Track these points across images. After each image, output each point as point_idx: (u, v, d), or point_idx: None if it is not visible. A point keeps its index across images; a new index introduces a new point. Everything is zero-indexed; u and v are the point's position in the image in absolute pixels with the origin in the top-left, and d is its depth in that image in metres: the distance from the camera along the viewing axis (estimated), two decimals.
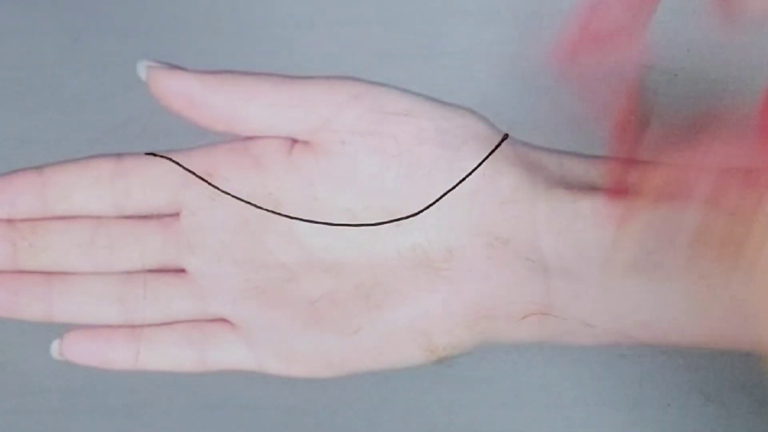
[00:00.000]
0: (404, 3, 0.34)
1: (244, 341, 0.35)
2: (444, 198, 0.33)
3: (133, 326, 0.35)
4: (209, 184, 0.34)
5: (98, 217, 0.35)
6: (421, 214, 0.34)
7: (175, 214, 0.35)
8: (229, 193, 0.34)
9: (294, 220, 0.34)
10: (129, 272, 0.35)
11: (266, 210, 0.34)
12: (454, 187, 0.33)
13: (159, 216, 0.35)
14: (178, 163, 0.35)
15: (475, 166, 0.33)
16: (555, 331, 0.34)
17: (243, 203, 0.34)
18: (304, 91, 0.33)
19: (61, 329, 0.36)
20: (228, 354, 0.35)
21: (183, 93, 0.33)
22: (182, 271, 0.35)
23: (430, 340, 0.34)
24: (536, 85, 0.35)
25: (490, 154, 0.33)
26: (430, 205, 0.33)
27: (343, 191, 0.34)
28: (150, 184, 0.35)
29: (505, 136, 0.34)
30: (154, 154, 0.35)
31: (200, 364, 0.35)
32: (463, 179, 0.33)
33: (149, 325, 0.35)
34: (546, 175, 0.34)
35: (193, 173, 0.34)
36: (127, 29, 0.35)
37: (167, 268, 0.35)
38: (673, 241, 0.33)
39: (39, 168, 0.35)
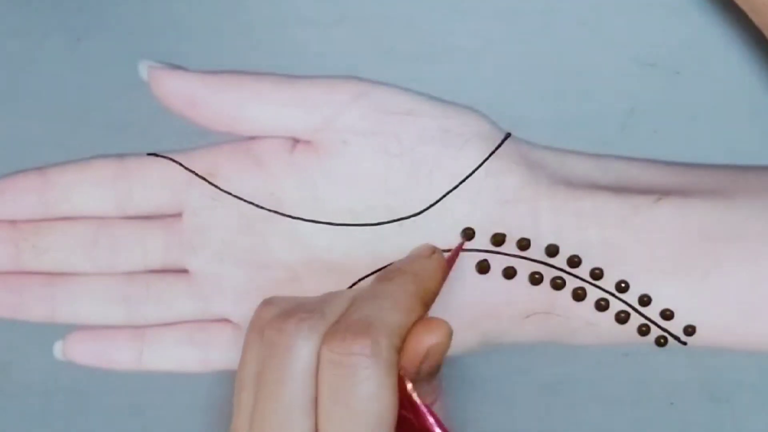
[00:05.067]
0: (407, 2, 0.34)
1: None
2: (447, 197, 0.33)
3: (135, 327, 0.35)
4: (211, 184, 0.34)
5: (100, 218, 0.35)
6: (423, 213, 0.34)
7: (178, 215, 0.35)
8: (230, 194, 0.34)
9: (296, 220, 0.34)
10: (131, 273, 0.35)
11: (268, 210, 0.34)
12: (456, 186, 0.33)
13: (161, 216, 0.35)
14: (180, 164, 0.35)
15: (478, 165, 0.33)
16: (558, 330, 0.34)
17: (245, 203, 0.34)
18: (305, 90, 0.33)
19: (63, 330, 0.36)
20: (231, 354, 0.35)
21: (184, 93, 0.33)
22: (185, 271, 0.35)
23: None
24: (539, 85, 0.35)
25: (492, 153, 0.33)
26: (433, 204, 0.33)
27: (346, 191, 0.34)
28: (152, 184, 0.35)
29: (508, 135, 0.34)
30: (156, 155, 0.35)
31: (203, 364, 0.35)
32: (466, 178, 0.33)
33: (152, 326, 0.35)
34: (548, 173, 0.34)
35: (195, 173, 0.34)
36: (128, 30, 0.35)
37: (170, 269, 0.35)
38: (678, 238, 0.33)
39: (41, 169, 0.35)
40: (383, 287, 0.30)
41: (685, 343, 0.33)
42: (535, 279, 0.33)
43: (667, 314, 0.33)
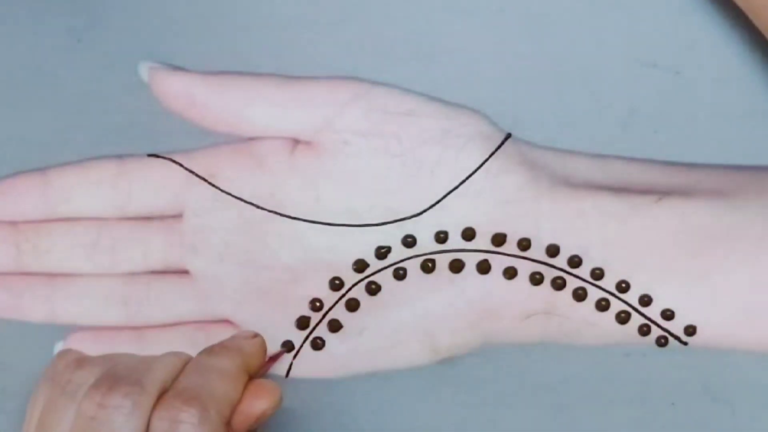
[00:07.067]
0: (407, 2, 0.34)
1: None
2: (447, 197, 0.33)
3: (136, 328, 0.35)
4: (211, 185, 0.34)
5: (101, 219, 0.35)
6: (424, 213, 0.34)
7: (178, 216, 0.35)
8: (231, 194, 0.34)
9: (296, 221, 0.34)
10: (132, 273, 0.35)
11: (269, 211, 0.34)
12: (457, 187, 0.33)
13: (162, 217, 0.35)
14: (180, 164, 0.35)
15: (478, 165, 0.33)
16: (559, 330, 0.34)
17: (245, 204, 0.34)
18: (306, 91, 0.33)
19: (64, 331, 0.36)
20: None
21: (185, 94, 0.33)
22: (185, 272, 0.35)
23: (434, 340, 0.34)
24: (539, 85, 0.35)
25: (493, 153, 0.33)
26: (434, 204, 0.33)
27: (346, 192, 0.34)
28: (152, 185, 0.35)
29: (508, 136, 0.34)
30: (157, 156, 0.35)
31: None
32: (467, 179, 0.33)
33: (152, 327, 0.35)
34: (549, 174, 0.34)
35: (196, 174, 0.34)
36: (128, 30, 0.35)
37: (170, 270, 0.35)
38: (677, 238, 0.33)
39: (42, 170, 0.35)
40: (211, 360, 0.31)
41: (685, 343, 0.33)
42: (536, 279, 0.33)
43: (667, 314, 0.33)
